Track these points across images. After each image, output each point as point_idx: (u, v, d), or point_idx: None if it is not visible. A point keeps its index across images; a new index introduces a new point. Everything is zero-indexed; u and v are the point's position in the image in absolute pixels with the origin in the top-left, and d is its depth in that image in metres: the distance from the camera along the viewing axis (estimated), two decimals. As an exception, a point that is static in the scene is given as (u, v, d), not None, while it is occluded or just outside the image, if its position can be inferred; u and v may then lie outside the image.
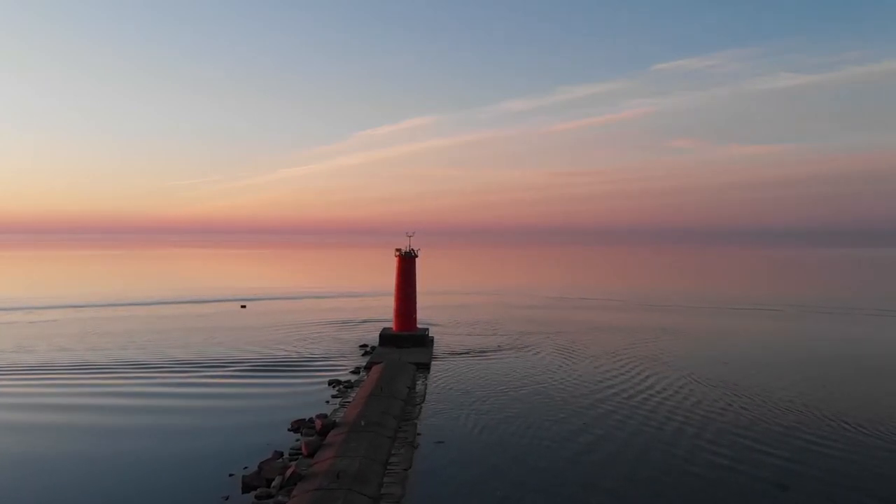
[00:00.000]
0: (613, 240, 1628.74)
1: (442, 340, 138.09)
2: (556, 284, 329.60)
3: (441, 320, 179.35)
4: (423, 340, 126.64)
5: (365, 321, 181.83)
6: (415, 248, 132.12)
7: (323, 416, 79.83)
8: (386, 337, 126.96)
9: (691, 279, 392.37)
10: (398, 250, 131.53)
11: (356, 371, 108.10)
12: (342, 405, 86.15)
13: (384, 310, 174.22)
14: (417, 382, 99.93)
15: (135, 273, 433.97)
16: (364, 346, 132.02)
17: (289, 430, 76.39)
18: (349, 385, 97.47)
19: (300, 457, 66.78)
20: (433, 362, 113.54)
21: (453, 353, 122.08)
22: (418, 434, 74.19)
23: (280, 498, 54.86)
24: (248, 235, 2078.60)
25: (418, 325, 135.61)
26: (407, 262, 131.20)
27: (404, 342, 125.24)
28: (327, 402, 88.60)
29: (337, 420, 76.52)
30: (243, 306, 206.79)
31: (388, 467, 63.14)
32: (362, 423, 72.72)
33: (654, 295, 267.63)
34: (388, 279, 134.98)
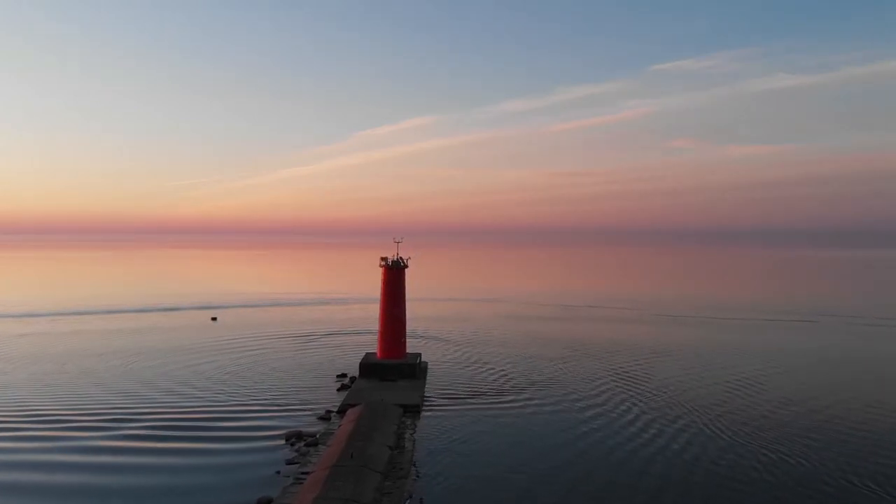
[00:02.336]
0: (613, 240, 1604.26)
1: (438, 369, 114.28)
2: (563, 290, 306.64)
3: (438, 334, 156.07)
4: (413, 371, 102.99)
5: (350, 333, 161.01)
6: (404, 257, 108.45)
7: (265, 503, 56.70)
8: (368, 367, 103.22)
9: (704, 283, 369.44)
10: (383, 259, 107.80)
11: (326, 416, 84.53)
12: (296, 481, 62.54)
13: (373, 322, 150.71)
14: (405, 435, 76.54)
15: (115, 276, 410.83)
16: (342, 375, 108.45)
17: (213, 528, 53.01)
18: (313, 442, 73.92)
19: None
20: (425, 407, 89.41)
21: (451, 394, 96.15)
22: (398, 542, 50.76)
23: None
24: (248, 236, 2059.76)
25: (408, 351, 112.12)
26: (394, 275, 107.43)
27: (390, 373, 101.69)
28: (279, 472, 64.89)
29: (282, 515, 53.08)
30: (214, 319, 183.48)
31: None
32: (315, 526, 49.44)
33: (669, 302, 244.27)
34: (379, 283, 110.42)
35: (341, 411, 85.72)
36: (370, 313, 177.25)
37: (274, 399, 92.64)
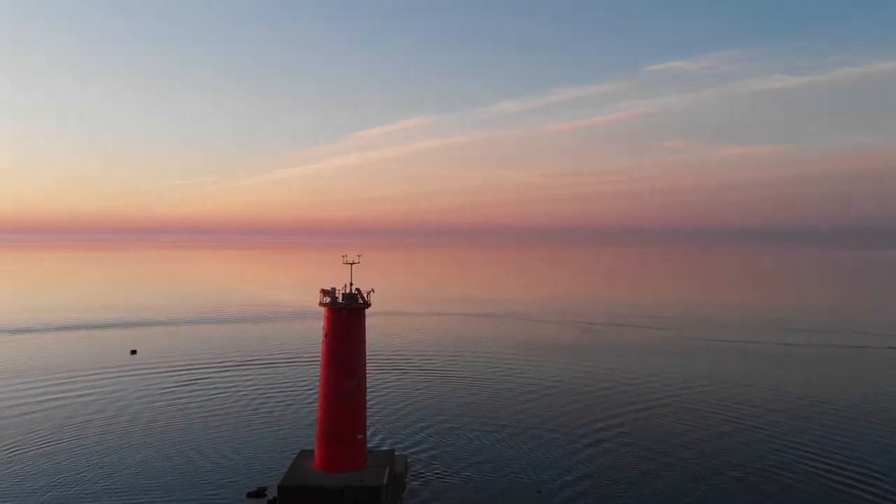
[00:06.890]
0: (607, 240, 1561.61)
1: (427, 478, 66.78)
2: (572, 299, 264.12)
3: (425, 384, 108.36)
4: (376, 499, 56.61)
5: (301, 363, 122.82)
6: (363, 290, 61.59)
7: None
8: (294, 493, 56.78)
9: (729, 290, 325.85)
10: (325, 294, 60.82)
11: None
12: None
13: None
14: None
15: (64, 281, 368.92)
16: (257, 494, 62.27)
17: None
18: None
19: None
20: None
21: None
22: None
23: None
24: (244, 236, 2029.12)
25: (370, 447, 66.43)
26: (345, 321, 60.65)
27: (334, 504, 55.54)
28: None
29: None
30: (134, 352, 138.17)
31: None
32: None
33: (708, 317, 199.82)
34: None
35: None
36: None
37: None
